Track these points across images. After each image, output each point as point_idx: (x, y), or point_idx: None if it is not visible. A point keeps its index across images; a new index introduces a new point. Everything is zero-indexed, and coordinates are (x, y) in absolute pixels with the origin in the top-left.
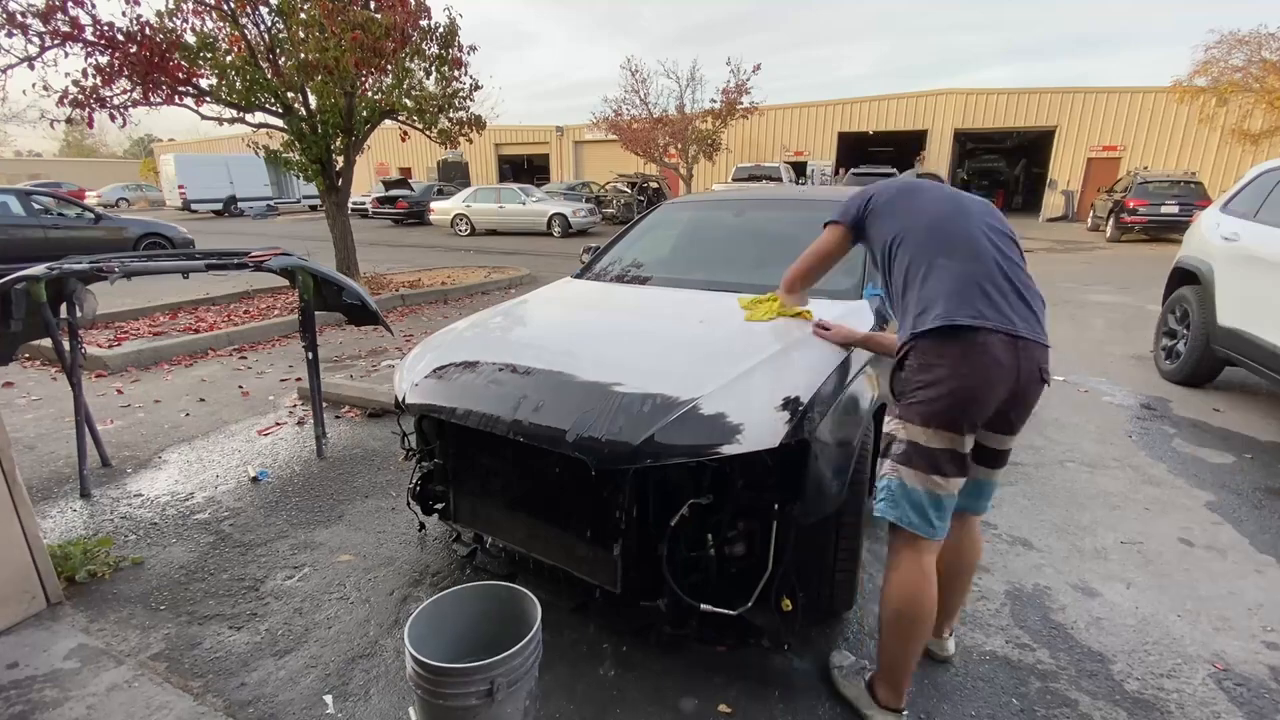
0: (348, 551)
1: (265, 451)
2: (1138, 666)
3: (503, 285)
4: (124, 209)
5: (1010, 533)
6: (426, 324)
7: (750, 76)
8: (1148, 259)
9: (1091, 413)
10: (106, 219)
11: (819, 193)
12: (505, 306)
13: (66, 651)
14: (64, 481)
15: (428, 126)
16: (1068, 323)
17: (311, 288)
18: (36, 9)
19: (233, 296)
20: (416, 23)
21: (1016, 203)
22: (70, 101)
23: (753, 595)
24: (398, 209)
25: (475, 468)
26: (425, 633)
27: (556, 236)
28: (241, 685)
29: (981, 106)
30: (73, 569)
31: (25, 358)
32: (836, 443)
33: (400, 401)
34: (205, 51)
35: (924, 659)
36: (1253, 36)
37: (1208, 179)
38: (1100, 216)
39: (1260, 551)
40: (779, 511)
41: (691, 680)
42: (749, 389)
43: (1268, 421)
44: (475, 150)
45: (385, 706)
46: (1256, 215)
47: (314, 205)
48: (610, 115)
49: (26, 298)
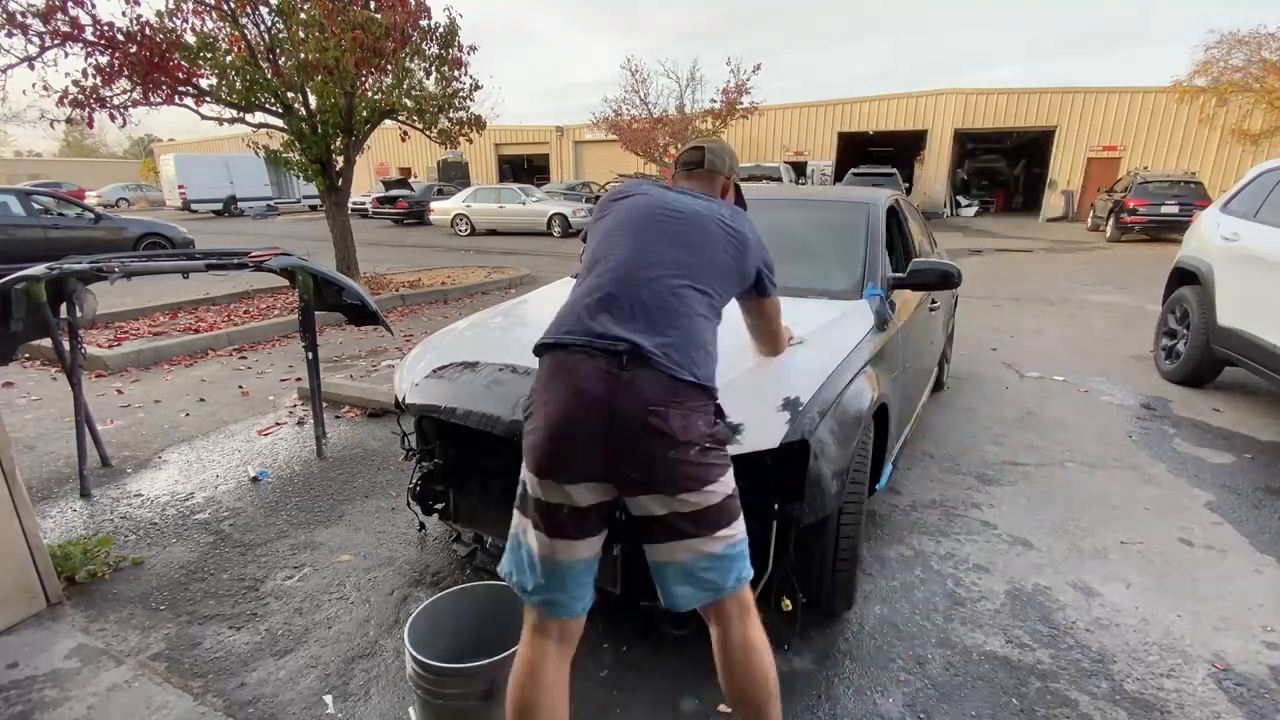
0: (348, 551)
1: (265, 451)
2: (1138, 666)
3: (503, 285)
4: (124, 209)
5: (1010, 533)
6: (426, 324)
7: (750, 76)
8: (1148, 259)
9: (1091, 413)
10: (106, 219)
11: (819, 193)
12: (505, 306)
13: (66, 651)
14: (64, 481)
15: (428, 126)
16: (1068, 322)
17: (311, 288)
18: (36, 9)
19: (233, 296)
20: (416, 23)
21: (1017, 203)
22: (70, 101)
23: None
24: (398, 209)
25: (475, 468)
26: (425, 633)
27: (556, 236)
28: (241, 685)
29: (981, 106)
30: (73, 569)
31: (25, 358)
32: (836, 443)
33: (400, 401)
34: (205, 51)
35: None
36: (1253, 37)
37: (1208, 179)
38: (1100, 216)
39: (1260, 551)
40: (779, 511)
41: (691, 680)
42: (749, 389)
43: (1268, 421)
44: (475, 150)
45: (385, 706)
46: (1256, 215)
47: (314, 205)
48: (610, 115)
49: (26, 298)
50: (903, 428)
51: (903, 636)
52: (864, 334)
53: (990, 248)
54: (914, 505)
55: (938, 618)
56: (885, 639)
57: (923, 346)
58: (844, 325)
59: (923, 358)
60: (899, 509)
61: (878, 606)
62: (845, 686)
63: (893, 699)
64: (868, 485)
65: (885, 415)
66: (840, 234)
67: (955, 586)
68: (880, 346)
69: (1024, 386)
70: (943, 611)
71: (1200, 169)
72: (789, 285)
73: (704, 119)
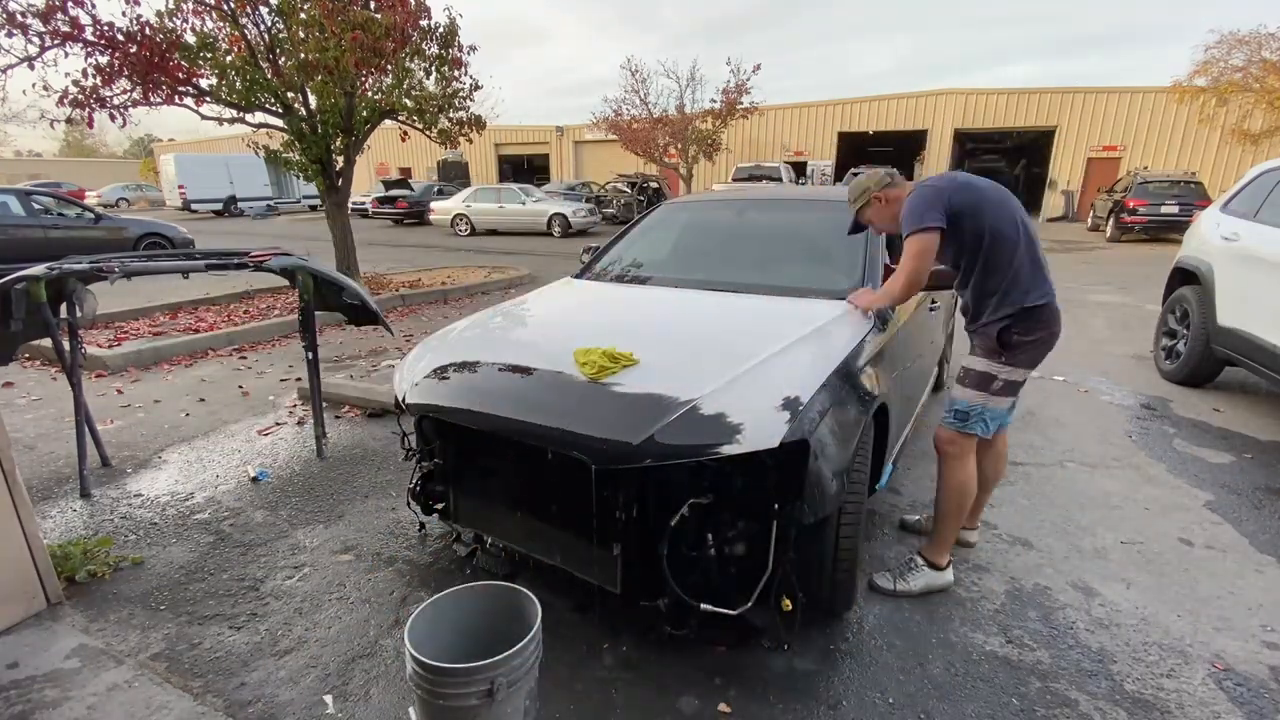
0: (348, 551)
1: (265, 451)
2: (1138, 666)
3: (503, 285)
4: (124, 209)
5: (1010, 533)
6: (426, 324)
7: (750, 76)
8: (1148, 259)
9: (1091, 413)
10: (106, 219)
11: (819, 192)
12: (505, 306)
13: (67, 651)
14: (64, 481)
15: (428, 126)
16: (1068, 322)
17: (311, 288)
18: (36, 9)
19: (233, 296)
20: (416, 23)
21: None
22: (70, 101)
23: (753, 595)
24: (398, 209)
25: (475, 468)
26: (425, 633)
27: (556, 236)
28: (241, 685)
29: (981, 106)
30: (73, 569)
31: (25, 358)
32: (836, 443)
33: (400, 401)
34: (205, 51)
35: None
36: (1253, 37)
37: (1208, 179)
38: (1100, 216)
39: (1260, 551)
40: (779, 511)
41: (691, 680)
42: (749, 389)
43: (1268, 421)
44: (475, 150)
45: (385, 706)
46: (1256, 215)
47: (314, 205)
48: (610, 115)
49: (26, 298)
50: (903, 428)
51: (903, 636)
52: (864, 334)
53: None
54: (914, 505)
55: (938, 617)
56: (885, 639)
57: (923, 346)
58: (844, 325)
59: (923, 358)
60: (899, 509)
61: (878, 606)
62: (845, 686)
63: (892, 699)
64: (868, 485)
65: (885, 415)
66: (841, 234)
67: (955, 586)
68: (880, 346)
69: (1024, 386)
70: (943, 611)
71: (1200, 169)
72: (790, 285)
73: (704, 119)
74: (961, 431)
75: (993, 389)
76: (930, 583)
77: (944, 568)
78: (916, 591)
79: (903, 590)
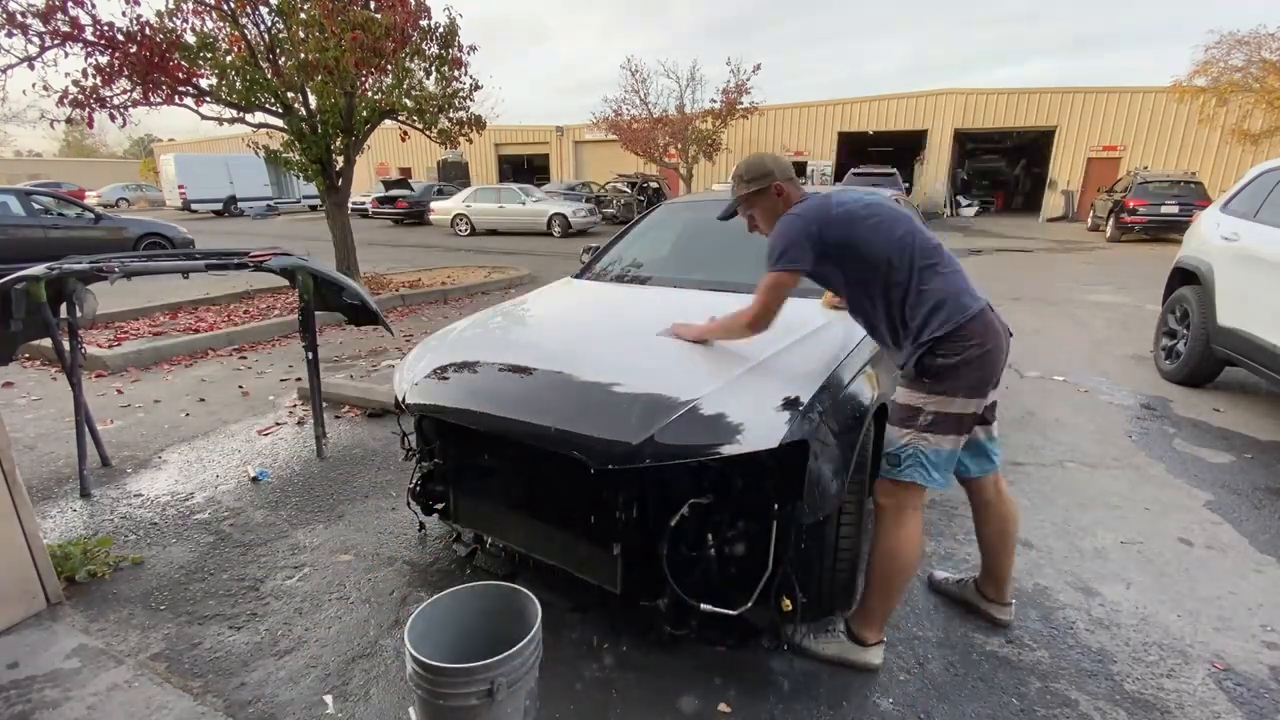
0: (348, 551)
1: (265, 451)
2: (1138, 666)
3: (503, 285)
4: (124, 209)
5: None
6: (426, 324)
7: (750, 76)
8: (1148, 259)
9: (1091, 413)
10: (106, 219)
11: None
12: (505, 306)
13: (67, 651)
14: (64, 481)
15: (428, 126)
16: (1068, 322)
17: (311, 288)
18: (36, 9)
19: (233, 296)
20: (416, 23)
21: (1017, 203)
22: (70, 101)
23: (753, 595)
24: (398, 209)
25: (475, 468)
26: (425, 633)
27: (556, 236)
28: (241, 685)
29: (981, 106)
30: (73, 569)
31: (25, 358)
32: (836, 443)
33: (400, 401)
34: (205, 51)
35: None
36: (1253, 37)
37: (1208, 179)
38: (1100, 216)
39: (1260, 551)
40: (779, 511)
41: (691, 680)
42: (749, 389)
43: (1268, 421)
44: (475, 150)
45: (385, 706)
46: (1256, 215)
47: (314, 205)
48: (610, 115)
49: (26, 298)
50: None
51: (902, 636)
52: (864, 334)
53: (990, 248)
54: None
55: (938, 617)
56: (885, 638)
57: None
58: (844, 325)
59: None
60: None
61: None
62: (845, 686)
63: (892, 699)
64: (868, 485)
65: (885, 415)
66: None
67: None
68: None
69: (1024, 386)
70: (943, 611)
71: (1200, 169)
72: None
73: (704, 119)
74: (894, 480)
75: (920, 424)
76: (844, 654)
77: (869, 645)
78: (824, 656)
79: (809, 648)
